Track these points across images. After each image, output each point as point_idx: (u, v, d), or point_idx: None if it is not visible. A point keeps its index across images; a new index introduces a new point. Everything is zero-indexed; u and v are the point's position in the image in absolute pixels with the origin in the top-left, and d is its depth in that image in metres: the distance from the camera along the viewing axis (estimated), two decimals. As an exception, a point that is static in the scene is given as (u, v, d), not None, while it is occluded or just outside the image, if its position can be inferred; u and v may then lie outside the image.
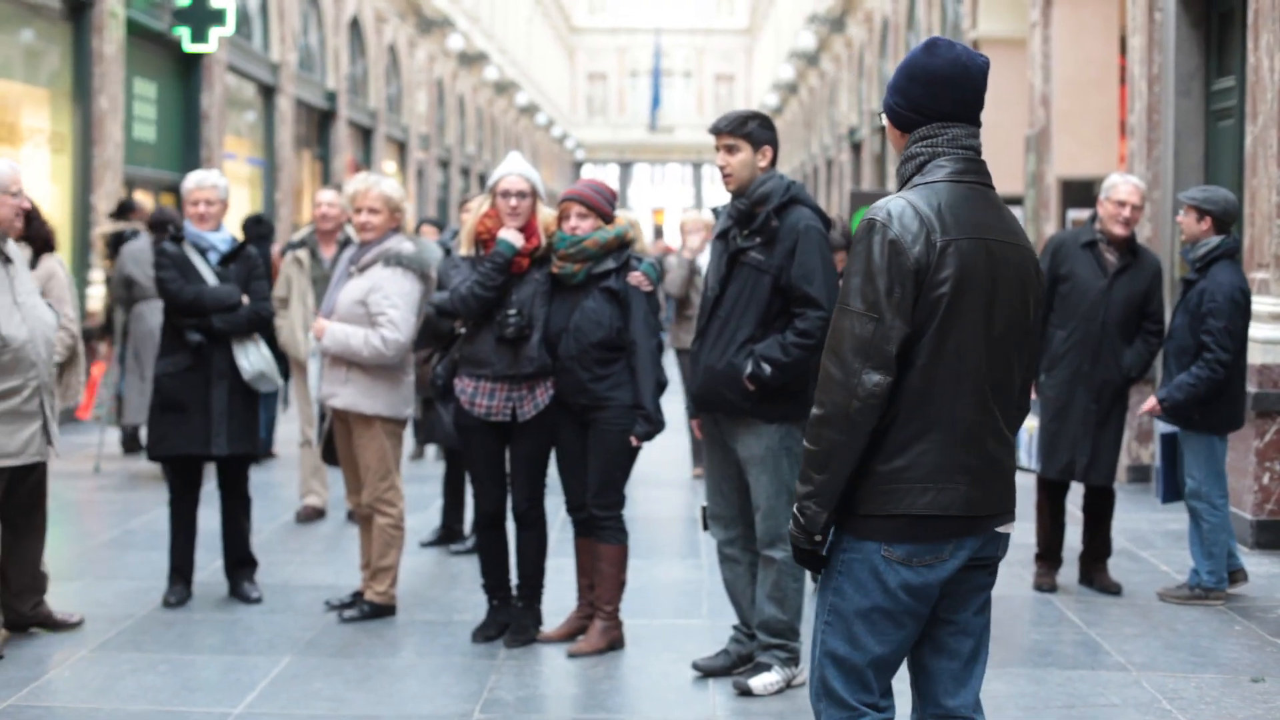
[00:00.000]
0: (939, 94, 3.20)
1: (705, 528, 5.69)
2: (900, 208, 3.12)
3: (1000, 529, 3.23)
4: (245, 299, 6.68)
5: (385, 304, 6.28)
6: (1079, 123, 12.59)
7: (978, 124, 3.26)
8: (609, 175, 59.30)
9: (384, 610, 6.51)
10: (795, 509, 3.20)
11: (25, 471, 5.93)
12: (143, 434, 10.85)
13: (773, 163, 5.46)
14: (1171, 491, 7.00)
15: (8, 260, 5.76)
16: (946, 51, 3.20)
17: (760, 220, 5.34)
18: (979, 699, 3.32)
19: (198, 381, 6.55)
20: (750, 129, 5.39)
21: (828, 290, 5.27)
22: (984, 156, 3.29)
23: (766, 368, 5.26)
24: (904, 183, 3.26)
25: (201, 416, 6.54)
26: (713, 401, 5.47)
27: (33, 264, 6.62)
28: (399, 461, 6.54)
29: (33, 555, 6.16)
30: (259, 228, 10.97)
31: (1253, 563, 7.64)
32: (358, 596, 6.60)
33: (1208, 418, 6.69)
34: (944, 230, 3.10)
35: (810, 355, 5.22)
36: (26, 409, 5.71)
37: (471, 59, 33.55)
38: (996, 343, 3.16)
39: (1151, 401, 6.79)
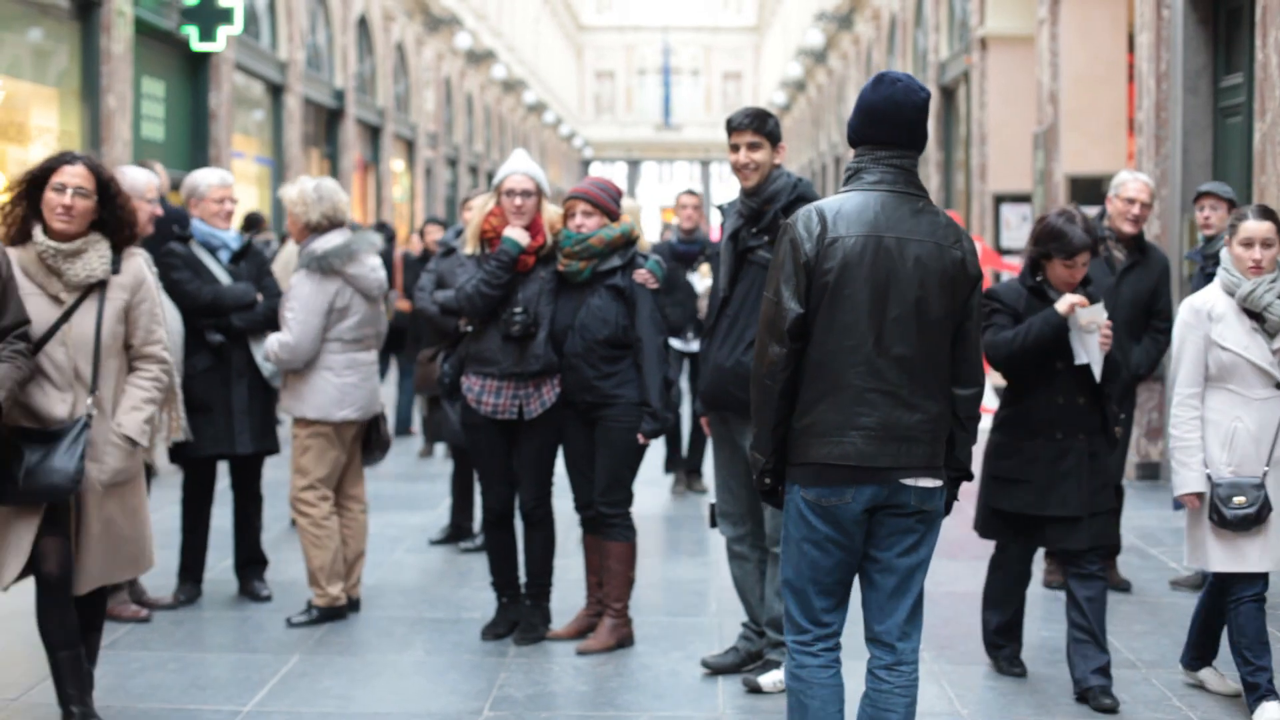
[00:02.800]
0: (875, 125, 3.87)
1: (714, 525, 5.69)
2: (807, 213, 3.83)
3: (907, 481, 3.77)
4: (259, 296, 6.69)
5: (287, 309, 6.36)
6: (1087, 120, 12.57)
7: (912, 147, 3.88)
8: (617, 173, 59.25)
9: (332, 613, 6.38)
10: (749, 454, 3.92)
11: None
12: None
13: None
14: None
15: None
16: (887, 89, 3.85)
17: (768, 218, 5.33)
18: (904, 629, 3.88)
19: (218, 381, 6.55)
20: (770, 127, 5.41)
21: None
22: (997, 154, 3.43)
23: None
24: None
25: (224, 416, 6.54)
26: (721, 400, 5.47)
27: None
28: (332, 465, 6.40)
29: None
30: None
31: (1262, 560, 7.61)
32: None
33: None
34: (835, 229, 3.77)
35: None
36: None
37: (479, 57, 33.51)
38: (895, 323, 3.75)
39: None
